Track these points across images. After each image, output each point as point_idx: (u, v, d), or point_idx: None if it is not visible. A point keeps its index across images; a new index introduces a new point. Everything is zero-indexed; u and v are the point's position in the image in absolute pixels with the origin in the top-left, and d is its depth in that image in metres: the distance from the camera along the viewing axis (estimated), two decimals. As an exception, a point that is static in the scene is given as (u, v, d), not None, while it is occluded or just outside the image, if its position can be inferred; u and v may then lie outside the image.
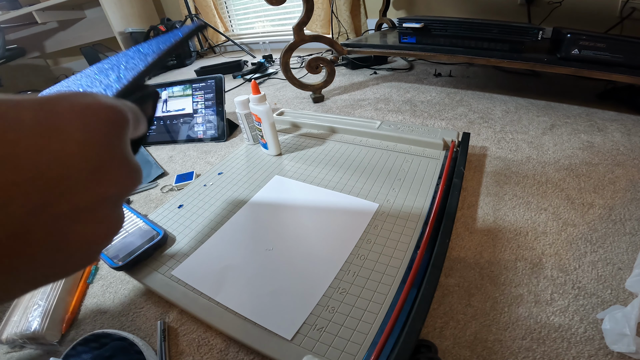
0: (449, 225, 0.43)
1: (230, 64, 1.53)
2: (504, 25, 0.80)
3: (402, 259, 0.41)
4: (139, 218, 0.52)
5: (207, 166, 0.75)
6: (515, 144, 0.68)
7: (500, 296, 0.38)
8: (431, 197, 0.51)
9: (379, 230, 0.46)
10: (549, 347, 0.32)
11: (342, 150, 0.67)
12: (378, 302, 0.36)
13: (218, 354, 0.36)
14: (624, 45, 0.68)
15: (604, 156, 0.61)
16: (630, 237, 0.44)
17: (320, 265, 0.42)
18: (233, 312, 0.38)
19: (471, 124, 0.78)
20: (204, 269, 0.44)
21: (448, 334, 0.35)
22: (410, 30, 0.92)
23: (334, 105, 0.99)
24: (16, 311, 0.41)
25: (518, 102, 0.87)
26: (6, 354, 0.39)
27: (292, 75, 1.00)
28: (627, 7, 0.99)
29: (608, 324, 0.32)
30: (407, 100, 0.96)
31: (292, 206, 0.53)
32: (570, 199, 0.52)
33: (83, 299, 0.45)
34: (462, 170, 0.54)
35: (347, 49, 1.01)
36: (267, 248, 0.46)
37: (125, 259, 0.44)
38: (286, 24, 2.01)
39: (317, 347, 0.33)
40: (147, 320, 0.41)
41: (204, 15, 2.08)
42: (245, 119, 0.70)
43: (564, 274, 0.40)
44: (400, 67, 1.27)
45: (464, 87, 1.01)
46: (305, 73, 1.31)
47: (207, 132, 0.87)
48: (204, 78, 0.89)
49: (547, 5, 1.12)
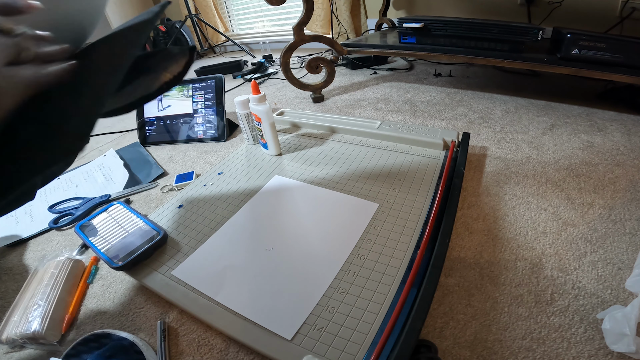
0: (449, 225, 0.43)
1: (230, 64, 1.53)
2: (504, 25, 0.80)
3: (402, 259, 0.41)
4: (139, 218, 0.52)
5: (207, 166, 0.75)
6: (515, 144, 0.68)
7: (500, 296, 0.38)
8: (431, 197, 0.51)
9: (379, 230, 0.46)
10: (549, 347, 0.32)
11: (342, 150, 0.67)
12: (378, 302, 0.36)
13: (218, 354, 0.36)
14: (624, 45, 0.68)
15: (604, 156, 0.61)
16: (630, 237, 0.44)
17: (320, 265, 0.42)
18: (233, 312, 0.38)
19: (471, 124, 0.78)
20: (204, 269, 0.44)
21: (448, 334, 0.35)
22: (410, 30, 0.92)
23: (334, 105, 0.99)
24: (16, 311, 0.41)
25: (518, 102, 0.87)
26: (6, 354, 0.39)
27: (292, 75, 1.00)
28: (627, 7, 0.99)
29: (608, 324, 0.32)
30: (407, 100, 0.96)
31: (292, 206, 0.53)
32: (570, 199, 0.52)
33: (83, 299, 0.45)
34: (462, 170, 0.54)
35: (347, 49, 1.01)
36: (267, 248, 0.46)
37: (125, 259, 0.44)
38: (286, 24, 2.01)
39: (317, 347, 0.33)
40: (147, 320, 0.41)
41: (204, 15, 2.08)
42: (245, 119, 0.70)
43: (564, 274, 0.40)
44: (400, 67, 1.27)
45: (464, 87, 1.01)
46: (305, 73, 1.31)
47: (207, 132, 0.87)
48: (204, 78, 0.89)
49: (547, 5, 1.12)
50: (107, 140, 1.01)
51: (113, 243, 0.47)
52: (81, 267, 0.49)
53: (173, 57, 0.30)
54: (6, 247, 0.58)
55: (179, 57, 0.30)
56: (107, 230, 0.50)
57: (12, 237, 0.59)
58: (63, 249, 0.55)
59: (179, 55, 0.30)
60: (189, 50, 0.30)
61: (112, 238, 0.49)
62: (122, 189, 0.70)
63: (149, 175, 0.73)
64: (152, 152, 0.86)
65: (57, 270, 0.46)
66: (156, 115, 0.91)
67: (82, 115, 0.23)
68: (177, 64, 0.31)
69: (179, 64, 0.31)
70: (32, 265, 0.53)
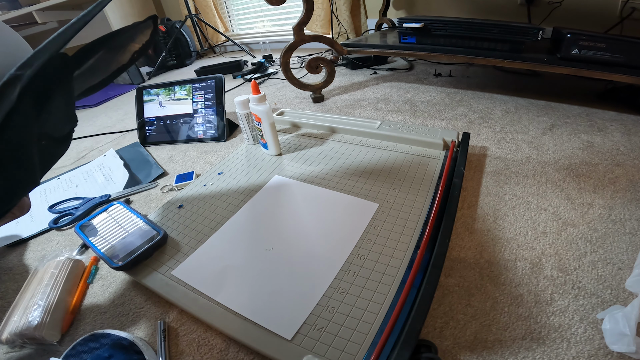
0: (449, 225, 0.43)
1: (230, 64, 1.53)
2: (504, 25, 0.79)
3: (402, 259, 0.41)
4: (139, 218, 0.52)
5: (207, 166, 0.75)
6: (515, 144, 0.68)
7: (500, 296, 0.38)
8: (431, 197, 0.51)
9: (379, 230, 0.46)
10: (549, 347, 0.32)
11: (342, 150, 0.67)
12: (378, 302, 0.36)
13: (218, 354, 0.36)
14: (624, 45, 0.68)
15: (604, 156, 0.61)
16: (630, 237, 0.44)
17: (320, 266, 0.42)
18: (233, 312, 0.38)
19: (471, 124, 0.78)
20: (204, 269, 0.44)
21: (448, 334, 0.35)
22: (410, 30, 0.92)
23: (334, 105, 0.99)
24: (16, 311, 0.41)
25: (518, 102, 0.87)
26: (6, 354, 0.39)
27: (292, 75, 1.00)
28: (627, 7, 0.99)
29: (608, 324, 0.32)
30: (407, 100, 0.96)
31: (292, 206, 0.53)
32: (570, 199, 0.52)
33: (83, 299, 0.45)
34: (462, 170, 0.54)
35: (347, 49, 1.01)
36: (267, 248, 0.46)
37: (125, 259, 0.44)
38: (286, 24, 2.01)
39: (317, 347, 0.33)
40: (147, 320, 0.41)
41: (204, 15, 2.08)
42: (245, 119, 0.70)
43: (564, 274, 0.40)
44: (400, 67, 1.27)
45: (464, 87, 1.01)
46: (305, 73, 1.31)
47: (207, 132, 0.87)
48: (204, 78, 0.89)
49: (547, 5, 1.12)
50: (107, 140, 1.01)
51: (113, 243, 0.47)
52: (81, 267, 0.49)
53: (139, 29, 0.34)
54: (6, 247, 0.58)
55: (144, 27, 0.34)
56: (107, 230, 0.50)
57: (12, 237, 0.59)
58: (63, 249, 0.55)
59: (143, 26, 0.34)
60: (151, 20, 0.35)
61: (112, 238, 0.49)
62: (122, 189, 0.70)
63: (149, 175, 0.73)
64: (152, 152, 0.86)
65: (57, 270, 0.46)
66: (156, 115, 0.91)
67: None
68: (143, 34, 0.35)
69: (145, 33, 0.36)
70: (32, 265, 0.53)
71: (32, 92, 0.21)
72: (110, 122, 1.19)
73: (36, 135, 0.26)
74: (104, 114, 1.31)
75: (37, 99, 0.23)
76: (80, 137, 1.07)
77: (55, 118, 0.28)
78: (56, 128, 0.29)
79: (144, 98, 0.92)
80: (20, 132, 0.22)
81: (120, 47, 0.35)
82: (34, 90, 0.21)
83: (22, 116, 0.22)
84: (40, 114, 0.24)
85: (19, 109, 0.20)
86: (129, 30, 0.32)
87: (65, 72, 0.26)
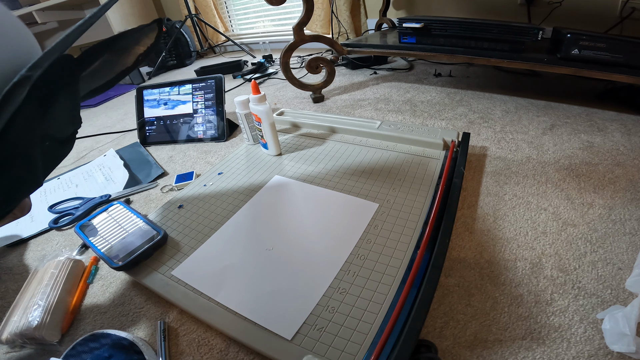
0: (449, 225, 0.43)
1: (230, 64, 1.53)
2: (504, 25, 0.79)
3: (402, 259, 0.41)
4: (139, 218, 0.52)
5: (207, 166, 0.75)
6: (515, 144, 0.68)
7: (500, 296, 0.38)
8: (431, 197, 0.51)
9: (379, 230, 0.46)
10: (549, 347, 0.32)
11: (342, 150, 0.67)
12: (378, 302, 0.36)
13: (218, 354, 0.36)
14: (624, 45, 0.68)
15: (604, 156, 0.61)
16: (630, 237, 0.44)
17: (320, 266, 0.42)
18: (233, 312, 0.38)
19: (471, 124, 0.78)
20: (204, 269, 0.44)
21: (448, 334, 0.35)
22: (410, 30, 0.92)
23: (334, 105, 0.99)
24: (16, 311, 0.41)
25: (518, 102, 0.87)
26: (6, 354, 0.39)
27: (292, 75, 1.00)
28: (627, 7, 0.99)
29: (608, 324, 0.32)
30: (407, 100, 0.96)
31: (292, 206, 0.53)
32: (570, 199, 0.52)
33: (83, 299, 0.45)
34: (462, 170, 0.54)
35: (347, 49, 1.01)
36: (267, 248, 0.46)
37: (125, 259, 0.44)
38: (286, 24, 2.01)
39: (317, 347, 0.33)
40: (147, 320, 0.41)
41: (204, 15, 2.08)
42: (245, 119, 0.70)
43: (563, 274, 0.40)
44: (400, 67, 1.27)
45: (464, 87, 1.01)
46: (305, 73, 1.31)
47: (207, 132, 0.87)
48: (204, 78, 0.89)
49: (547, 5, 1.12)
50: (107, 140, 1.01)
51: (113, 243, 0.47)
52: (81, 267, 0.49)
53: (144, 32, 0.34)
54: (6, 247, 0.58)
55: (149, 31, 0.35)
56: (107, 230, 0.50)
57: (12, 237, 0.59)
58: (63, 249, 0.55)
59: (148, 29, 0.34)
60: (156, 23, 0.35)
61: (112, 238, 0.49)
62: (122, 189, 0.70)
63: (149, 175, 0.73)
64: (152, 152, 0.86)
65: (57, 270, 0.46)
66: (156, 115, 0.91)
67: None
68: (148, 37, 0.36)
69: (150, 36, 0.36)
70: (32, 265, 0.53)
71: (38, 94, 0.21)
72: (110, 122, 1.19)
73: (40, 136, 0.26)
74: (104, 114, 1.31)
75: (42, 100, 0.23)
76: (81, 137, 1.07)
77: (59, 119, 0.28)
78: (60, 129, 0.29)
79: (144, 98, 0.92)
80: (24, 133, 0.22)
81: (125, 50, 0.35)
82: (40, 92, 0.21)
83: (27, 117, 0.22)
84: (45, 115, 0.25)
85: (24, 110, 0.20)
86: (135, 33, 0.33)
87: (71, 73, 0.26)
